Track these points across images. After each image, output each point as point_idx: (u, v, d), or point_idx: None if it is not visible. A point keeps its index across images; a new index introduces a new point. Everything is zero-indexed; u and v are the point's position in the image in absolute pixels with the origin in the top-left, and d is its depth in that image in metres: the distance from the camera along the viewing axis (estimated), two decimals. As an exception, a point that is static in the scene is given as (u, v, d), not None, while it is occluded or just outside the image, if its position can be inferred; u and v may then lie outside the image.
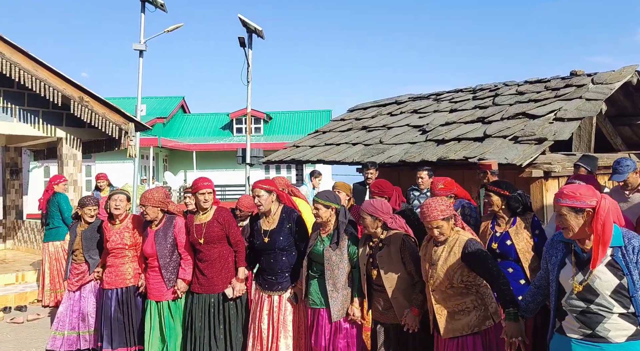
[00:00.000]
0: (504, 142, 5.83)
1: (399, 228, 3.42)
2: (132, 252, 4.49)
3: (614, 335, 2.17)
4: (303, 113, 30.71)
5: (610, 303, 2.16)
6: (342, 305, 3.59)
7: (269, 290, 3.98)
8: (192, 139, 27.75)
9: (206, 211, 4.13)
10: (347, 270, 3.60)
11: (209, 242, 4.07)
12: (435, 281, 2.97)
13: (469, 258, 2.89)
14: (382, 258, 3.36)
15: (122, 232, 4.48)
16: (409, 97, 9.43)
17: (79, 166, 8.08)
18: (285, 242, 3.92)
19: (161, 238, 4.22)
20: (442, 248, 3.00)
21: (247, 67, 12.67)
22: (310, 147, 8.74)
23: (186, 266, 4.20)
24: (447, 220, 2.95)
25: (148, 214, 4.22)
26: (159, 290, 4.23)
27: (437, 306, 3.00)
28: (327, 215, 3.63)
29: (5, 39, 6.85)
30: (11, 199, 10.02)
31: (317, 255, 3.68)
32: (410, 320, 3.23)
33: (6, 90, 7.34)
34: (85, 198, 4.97)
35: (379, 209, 3.36)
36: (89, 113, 7.57)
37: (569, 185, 2.33)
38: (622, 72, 6.42)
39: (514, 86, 7.71)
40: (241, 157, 13.37)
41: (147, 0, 12.41)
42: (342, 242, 3.60)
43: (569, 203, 2.22)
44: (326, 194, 3.70)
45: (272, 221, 3.99)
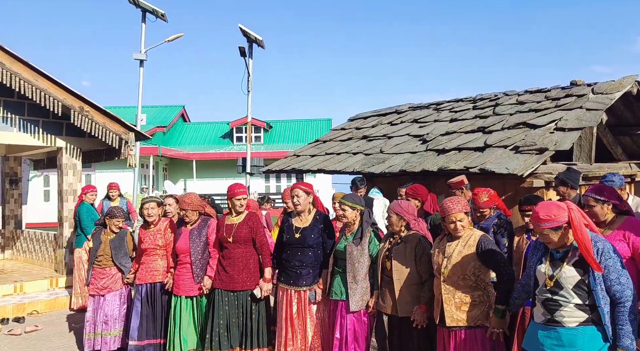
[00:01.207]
0: (505, 152, 5.82)
1: (419, 229, 3.80)
2: (162, 251, 4.89)
3: (568, 321, 2.59)
4: (303, 122, 30.77)
5: (570, 295, 2.59)
6: (362, 297, 3.91)
7: (294, 285, 4.23)
8: (192, 148, 27.77)
9: (239, 214, 4.49)
10: (367, 264, 3.94)
11: (236, 241, 4.40)
12: (448, 272, 3.25)
13: (483, 252, 3.18)
14: (398, 252, 3.68)
15: (155, 234, 4.90)
16: (409, 107, 9.43)
17: (79, 176, 8.07)
18: (315, 240, 4.23)
19: (195, 236, 4.64)
20: (456, 242, 3.29)
21: (248, 76, 12.71)
22: (311, 156, 8.72)
23: (213, 264, 4.55)
24: (467, 214, 3.27)
25: (188, 217, 4.66)
26: (188, 285, 4.60)
27: (447, 296, 3.26)
28: (353, 216, 4.02)
29: (6, 49, 6.87)
30: (10, 209, 10.00)
31: (340, 252, 4.03)
32: (419, 316, 3.51)
33: (6, 100, 7.34)
34: (115, 209, 5.27)
35: (405, 210, 3.71)
36: (89, 123, 7.57)
37: (541, 208, 2.65)
38: (622, 82, 6.42)
39: (514, 96, 7.71)
40: (241, 166, 13.39)
41: (148, 10, 12.48)
42: (364, 238, 3.97)
43: (548, 225, 2.60)
44: (352, 197, 4.13)
45: (305, 220, 4.30)
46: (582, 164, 6.20)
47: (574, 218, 2.56)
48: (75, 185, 7.96)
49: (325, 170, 7.92)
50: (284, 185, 25.92)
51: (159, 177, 25.70)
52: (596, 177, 6.19)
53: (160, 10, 12.46)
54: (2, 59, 6.83)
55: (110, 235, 5.19)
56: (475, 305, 3.21)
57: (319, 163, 8.18)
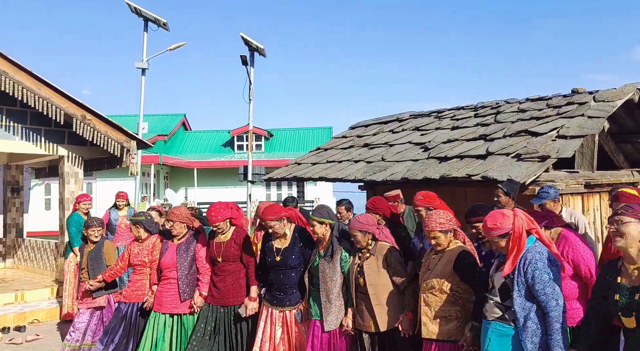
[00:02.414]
0: (507, 160, 5.81)
1: (385, 237, 3.73)
2: (148, 269, 4.73)
3: (489, 315, 2.89)
4: (304, 130, 30.81)
5: (495, 294, 2.87)
6: (336, 316, 3.80)
7: (279, 306, 4.11)
8: (194, 156, 27.80)
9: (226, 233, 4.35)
10: (340, 281, 3.82)
11: (225, 260, 4.30)
12: (428, 285, 3.28)
13: (460, 268, 3.19)
14: (369, 266, 3.63)
15: (143, 250, 4.76)
16: (410, 115, 9.44)
17: (80, 184, 8.07)
18: (296, 261, 4.09)
19: (183, 251, 4.47)
20: (439, 256, 3.31)
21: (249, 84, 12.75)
22: (312, 164, 8.72)
23: (204, 280, 4.40)
24: (445, 233, 3.26)
25: (175, 229, 4.49)
26: (172, 302, 4.41)
27: (425, 308, 3.29)
28: (322, 231, 3.89)
29: (9, 58, 6.90)
30: (12, 217, 9.99)
31: (314, 269, 3.94)
32: (406, 324, 3.47)
33: (9, 109, 7.36)
34: (91, 219, 5.17)
35: (365, 224, 3.65)
36: (92, 131, 7.58)
37: (489, 218, 2.84)
38: (623, 90, 6.43)
39: (515, 103, 7.72)
40: (243, 175, 13.38)
41: (150, 19, 12.54)
42: (335, 255, 3.84)
43: (495, 233, 2.79)
44: (320, 211, 3.95)
45: (285, 240, 4.16)
46: (584, 172, 6.19)
47: (516, 226, 2.75)
48: (76, 193, 7.96)
49: (327, 178, 7.91)
50: (285, 193, 25.91)
51: (160, 185, 25.70)
52: (599, 185, 6.19)
53: (162, 19, 12.52)
54: (6, 68, 6.86)
55: (90, 246, 5.07)
56: (452, 320, 3.21)
57: (320, 171, 8.18)
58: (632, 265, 2.45)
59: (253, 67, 12.82)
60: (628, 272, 2.46)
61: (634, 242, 2.40)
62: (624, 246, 2.43)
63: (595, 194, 6.26)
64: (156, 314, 4.43)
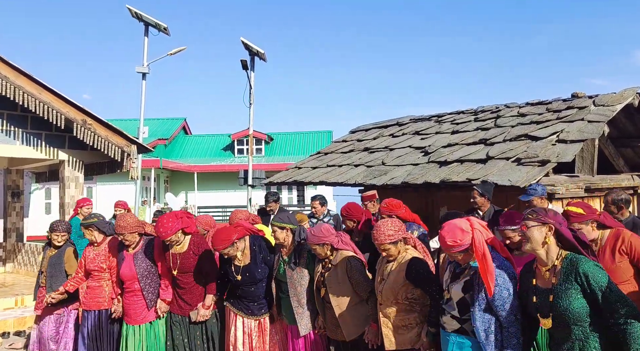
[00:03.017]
0: (507, 164, 5.82)
1: (346, 246, 3.68)
2: (107, 275, 4.49)
3: (448, 327, 2.92)
4: (304, 134, 30.85)
5: (453, 307, 2.88)
6: (309, 319, 3.82)
7: (253, 315, 4.08)
8: (194, 160, 27.82)
9: (182, 243, 4.16)
10: (309, 286, 3.82)
11: (183, 272, 4.12)
12: (383, 295, 3.27)
13: (412, 276, 3.19)
14: (330, 279, 3.62)
15: (99, 255, 4.52)
16: (410, 119, 9.45)
17: (81, 188, 8.07)
18: (262, 274, 4.04)
19: (140, 260, 4.24)
20: (392, 265, 3.30)
21: (250, 89, 12.77)
22: (312, 168, 8.73)
23: (166, 286, 4.25)
24: (395, 244, 3.25)
25: (127, 240, 4.25)
26: (140, 313, 4.24)
27: (384, 319, 3.28)
28: (284, 236, 3.87)
29: (10, 63, 6.92)
30: (12, 222, 9.98)
31: (281, 275, 3.93)
32: (372, 335, 3.44)
33: (10, 114, 7.37)
34: (56, 223, 4.92)
35: (322, 236, 3.60)
36: (92, 136, 7.59)
37: (446, 233, 2.77)
38: (623, 94, 6.44)
39: (515, 108, 7.73)
40: (243, 179, 13.38)
41: (151, 24, 12.58)
42: (301, 260, 3.84)
43: (455, 250, 2.76)
44: (280, 217, 3.93)
45: (244, 258, 4.05)
46: (584, 176, 6.19)
47: (477, 241, 2.70)
48: (77, 197, 7.96)
49: (327, 183, 7.92)
50: (285, 197, 25.91)
51: (160, 189, 25.71)
52: (599, 189, 6.19)
53: (162, 24, 12.55)
54: (7, 73, 6.88)
55: (53, 251, 4.85)
56: (412, 328, 3.20)
57: (320, 175, 8.18)
58: (544, 267, 2.57)
59: (253, 71, 12.84)
60: (541, 274, 2.59)
61: (538, 244, 2.53)
62: (530, 249, 2.57)
63: (595, 198, 6.26)
64: (129, 327, 4.28)
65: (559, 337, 2.51)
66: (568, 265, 2.47)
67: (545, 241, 2.52)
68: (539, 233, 2.52)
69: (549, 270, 2.54)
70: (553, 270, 2.52)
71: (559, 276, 2.48)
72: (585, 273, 2.39)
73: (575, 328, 2.41)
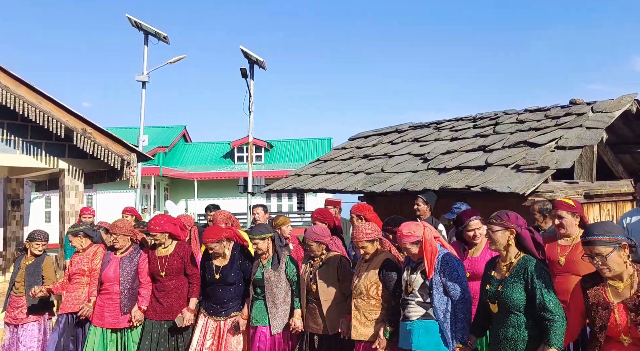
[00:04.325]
0: (506, 171, 5.83)
1: (337, 249, 4.13)
2: (87, 278, 4.60)
3: (411, 315, 3.24)
4: (304, 141, 30.89)
5: (415, 296, 3.25)
6: (282, 320, 4.10)
7: (214, 315, 4.28)
8: (194, 168, 27.83)
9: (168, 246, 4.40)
10: (285, 288, 4.14)
11: (169, 274, 4.32)
12: (357, 290, 3.61)
13: (383, 275, 3.53)
14: (322, 275, 3.93)
15: (82, 258, 4.65)
16: (409, 126, 9.48)
17: (81, 197, 8.08)
18: (235, 277, 4.29)
19: (126, 265, 4.41)
20: (367, 264, 3.65)
21: (249, 97, 12.81)
22: (312, 175, 8.74)
23: (145, 294, 4.35)
24: (372, 242, 3.63)
25: (118, 242, 4.43)
26: (114, 316, 4.33)
27: (355, 313, 3.61)
28: (266, 245, 4.19)
29: (10, 72, 6.94)
30: (12, 230, 9.98)
31: (258, 280, 4.18)
32: (345, 326, 3.72)
33: (10, 123, 7.39)
34: (36, 232, 4.93)
35: (321, 235, 3.97)
36: (92, 144, 7.61)
37: (403, 227, 3.28)
38: (621, 101, 6.47)
39: (514, 114, 7.75)
40: (243, 186, 13.41)
41: (150, 33, 12.65)
42: (281, 263, 4.16)
43: (410, 240, 3.23)
44: (258, 229, 4.25)
45: (224, 259, 4.33)
46: (583, 182, 6.20)
47: (426, 233, 3.23)
48: (77, 206, 7.96)
49: (327, 190, 7.92)
50: (285, 204, 25.91)
51: (160, 197, 25.71)
52: (598, 195, 6.20)
53: (162, 33, 12.62)
54: (7, 83, 6.90)
55: (30, 260, 4.84)
56: (378, 322, 3.51)
57: (320, 182, 8.20)
58: (503, 262, 2.98)
59: (253, 79, 12.90)
60: (499, 268, 3.00)
61: (502, 246, 2.94)
62: (495, 249, 3.01)
63: (595, 204, 6.27)
64: (96, 329, 4.32)
65: (499, 322, 2.93)
66: (521, 264, 2.88)
67: (508, 243, 2.93)
68: (503, 236, 2.92)
69: (506, 265, 2.95)
70: (509, 266, 2.93)
71: (512, 271, 2.89)
72: (532, 272, 2.80)
73: (512, 316, 2.84)
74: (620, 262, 2.44)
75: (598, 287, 2.55)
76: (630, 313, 2.38)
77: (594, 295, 2.55)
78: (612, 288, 2.49)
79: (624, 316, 2.40)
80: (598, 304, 2.51)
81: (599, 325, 2.49)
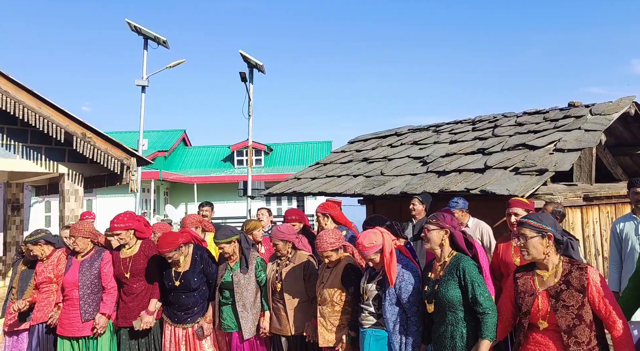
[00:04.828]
0: (505, 173, 5.84)
1: (304, 247, 4.04)
2: (55, 286, 4.41)
3: (364, 323, 3.33)
4: (303, 144, 30.89)
5: (369, 305, 3.31)
6: (253, 323, 4.00)
7: (179, 323, 4.13)
8: (194, 172, 27.84)
9: (132, 246, 4.25)
10: (255, 290, 4.03)
11: (135, 275, 4.16)
12: (321, 297, 3.61)
13: (345, 281, 3.54)
14: (288, 273, 3.89)
15: (47, 266, 4.45)
16: (408, 129, 9.50)
17: (81, 201, 8.08)
18: (198, 282, 4.12)
19: (86, 268, 4.19)
20: (331, 270, 3.64)
21: (249, 101, 12.83)
22: (312, 179, 8.75)
23: (108, 300, 4.16)
24: (336, 251, 3.59)
25: (77, 245, 4.22)
26: (74, 324, 4.10)
27: (320, 319, 3.61)
28: (232, 248, 4.05)
29: (10, 78, 6.97)
30: (12, 235, 9.98)
31: (227, 284, 4.05)
32: (310, 330, 3.72)
33: (10, 128, 7.41)
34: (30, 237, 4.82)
35: (287, 233, 3.95)
36: (92, 149, 7.62)
37: (363, 238, 3.24)
38: (619, 103, 6.48)
39: (512, 117, 7.77)
40: (242, 190, 13.39)
41: (150, 37, 12.67)
42: (250, 265, 4.05)
43: (372, 251, 3.21)
44: (223, 232, 4.05)
45: (184, 263, 4.15)
46: (582, 184, 6.21)
47: (385, 241, 3.23)
48: (77, 211, 7.97)
49: (326, 193, 7.93)
50: (284, 208, 25.90)
51: (160, 201, 25.71)
52: (597, 198, 6.21)
53: (162, 37, 12.64)
54: (7, 88, 6.93)
55: (24, 266, 4.73)
56: (343, 328, 3.52)
57: (319, 186, 8.21)
58: (438, 262, 3.08)
59: (252, 83, 12.91)
60: (435, 268, 3.10)
61: (436, 244, 3.05)
62: (429, 248, 3.09)
63: (594, 207, 6.27)
64: (63, 340, 4.13)
65: (437, 321, 3.01)
66: (454, 261, 2.99)
67: (442, 242, 3.04)
68: (437, 235, 3.04)
69: (441, 265, 3.05)
70: (443, 265, 3.04)
71: (446, 269, 3.00)
72: (463, 268, 2.92)
73: (449, 314, 2.92)
74: (539, 248, 2.63)
75: (527, 276, 2.73)
76: (551, 300, 2.57)
77: (522, 283, 2.73)
78: (539, 277, 2.67)
79: (546, 303, 2.58)
80: (525, 291, 2.68)
81: (524, 311, 2.65)
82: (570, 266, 2.61)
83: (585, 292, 2.51)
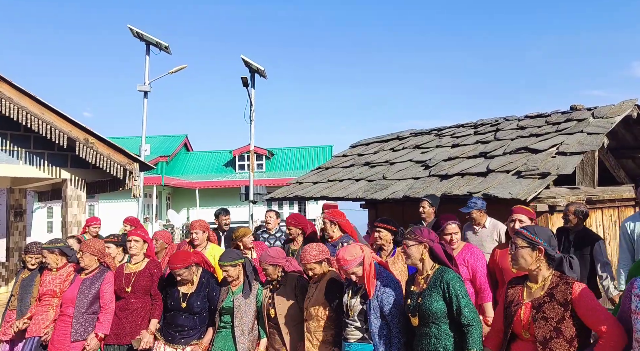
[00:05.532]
0: (507, 177, 5.84)
1: (294, 268, 3.92)
2: (57, 301, 4.36)
3: (350, 337, 3.30)
4: (305, 149, 30.92)
5: (354, 320, 3.28)
6: (249, 349, 3.91)
7: (172, 342, 4.04)
8: (195, 177, 27.86)
9: (139, 262, 4.27)
10: (254, 316, 3.96)
11: (135, 291, 4.13)
12: (308, 313, 3.58)
13: (328, 296, 3.51)
14: (280, 297, 3.82)
15: (55, 279, 4.44)
16: (410, 133, 9.50)
17: (83, 207, 8.09)
18: (201, 306, 4.07)
19: (86, 287, 4.16)
20: (316, 285, 3.63)
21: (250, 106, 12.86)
22: (313, 183, 8.75)
23: (105, 320, 4.08)
24: (320, 263, 3.58)
25: (83, 260, 4.22)
26: (63, 342, 4.05)
27: (307, 335, 3.58)
28: (237, 272, 4.00)
29: (13, 84, 6.99)
30: (14, 241, 9.99)
31: (228, 308, 3.98)
32: (302, 349, 3.63)
33: (13, 134, 7.43)
34: (30, 245, 4.85)
35: (276, 257, 3.85)
36: (94, 154, 7.64)
37: (343, 253, 3.24)
38: (621, 106, 6.48)
39: (514, 121, 7.77)
40: (244, 194, 13.41)
41: (152, 43, 12.72)
42: (253, 289, 4.00)
43: (354, 263, 3.21)
44: (229, 255, 4.04)
45: (192, 286, 4.11)
46: (585, 188, 6.20)
47: (365, 254, 3.25)
48: (79, 216, 7.98)
49: (328, 197, 7.93)
50: (287, 212, 25.88)
51: (162, 206, 25.72)
52: (600, 201, 6.20)
53: (164, 43, 12.69)
54: (11, 94, 6.95)
55: (26, 273, 4.70)
56: (330, 344, 3.49)
57: (321, 190, 8.20)
58: (421, 275, 3.10)
59: (254, 88, 12.95)
60: (418, 281, 3.11)
61: (416, 259, 3.08)
62: (411, 263, 3.13)
63: (597, 210, 6.26)
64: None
65: (420, 334, 3.01)
66: (437, 274, 3.01)
67: (422, 257, 3.07)
68: (417, 250, 3.07)
69: (424, 278, 3.07)
70: (426, 278, 3.05)
71: (429, 282, 3.01)
72: (447, 281, 2.93)
73: (433, 326, 2.94)
74: (528, 260, 2.66)
75: (517, 287, 2.76)
76: (533, 310, 2.60)
77: (512, 293, 2.76)
78: (528, 289, 2.70)
79: (528, 313, 2.61)
80: (512, 302, 2.72)
81: (508, 321, 2.70)
82: (558, 280, 2.62)
83: (568, 306, 2.51)
